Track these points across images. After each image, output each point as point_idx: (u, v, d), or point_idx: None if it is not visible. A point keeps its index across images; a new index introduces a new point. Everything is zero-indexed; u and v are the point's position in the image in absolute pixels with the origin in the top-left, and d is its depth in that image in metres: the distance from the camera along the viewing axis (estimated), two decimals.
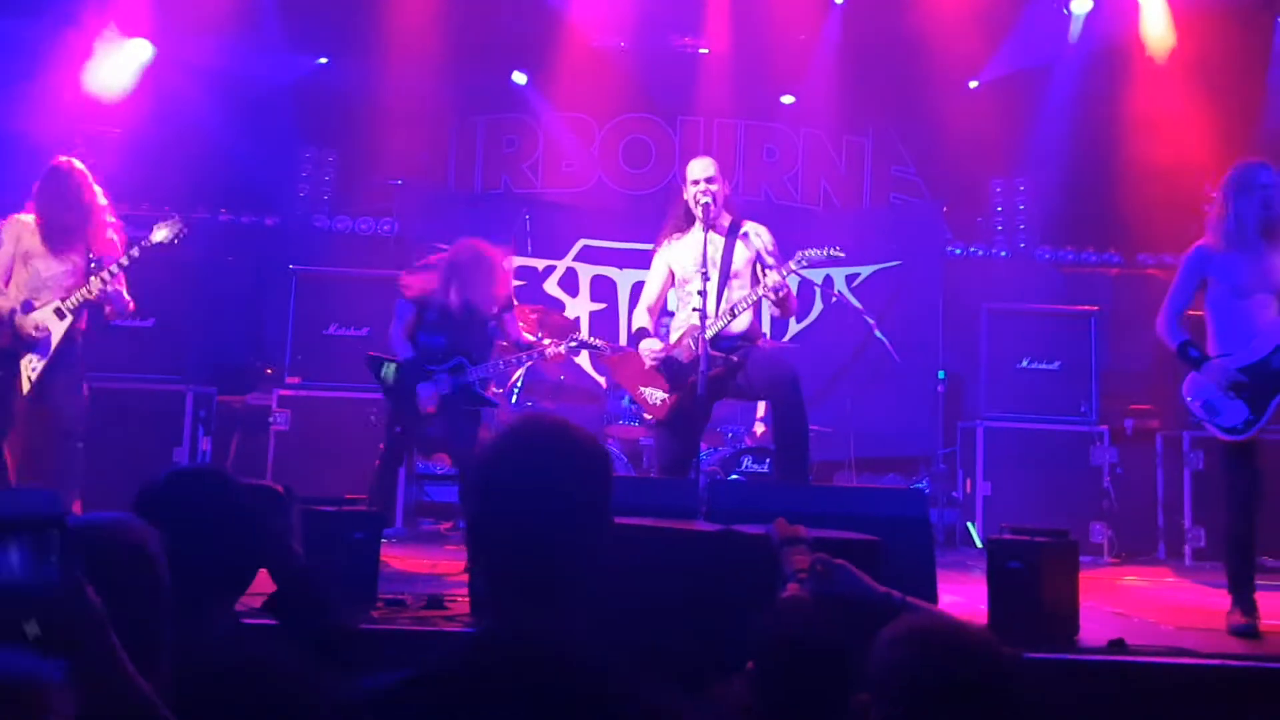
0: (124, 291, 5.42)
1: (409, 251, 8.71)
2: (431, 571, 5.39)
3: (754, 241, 5.29)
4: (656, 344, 5.31)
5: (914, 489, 7.59)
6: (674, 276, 5.43)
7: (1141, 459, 7.45)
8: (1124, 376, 7.90)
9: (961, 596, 4.82)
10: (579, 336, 6.05)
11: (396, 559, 5.54)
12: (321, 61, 9.43)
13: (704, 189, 5.21)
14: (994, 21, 8.69)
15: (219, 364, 7.88)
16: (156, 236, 5.37)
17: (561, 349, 5.82)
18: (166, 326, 7.16)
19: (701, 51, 9.54)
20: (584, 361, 8.61)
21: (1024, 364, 7.53)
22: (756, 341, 5.29)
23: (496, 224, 8.52)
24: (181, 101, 8.56)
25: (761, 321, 5.51)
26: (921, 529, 4.09)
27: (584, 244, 9.00)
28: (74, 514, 4.81)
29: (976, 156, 9.24)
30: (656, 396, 5.29)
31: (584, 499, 1.73)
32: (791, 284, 5.19)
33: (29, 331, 5.21)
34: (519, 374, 7.13)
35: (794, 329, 8.78)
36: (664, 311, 5.74)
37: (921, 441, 8.32)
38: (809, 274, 7.74)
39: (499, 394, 7.37)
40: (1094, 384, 7.44)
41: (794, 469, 4.98)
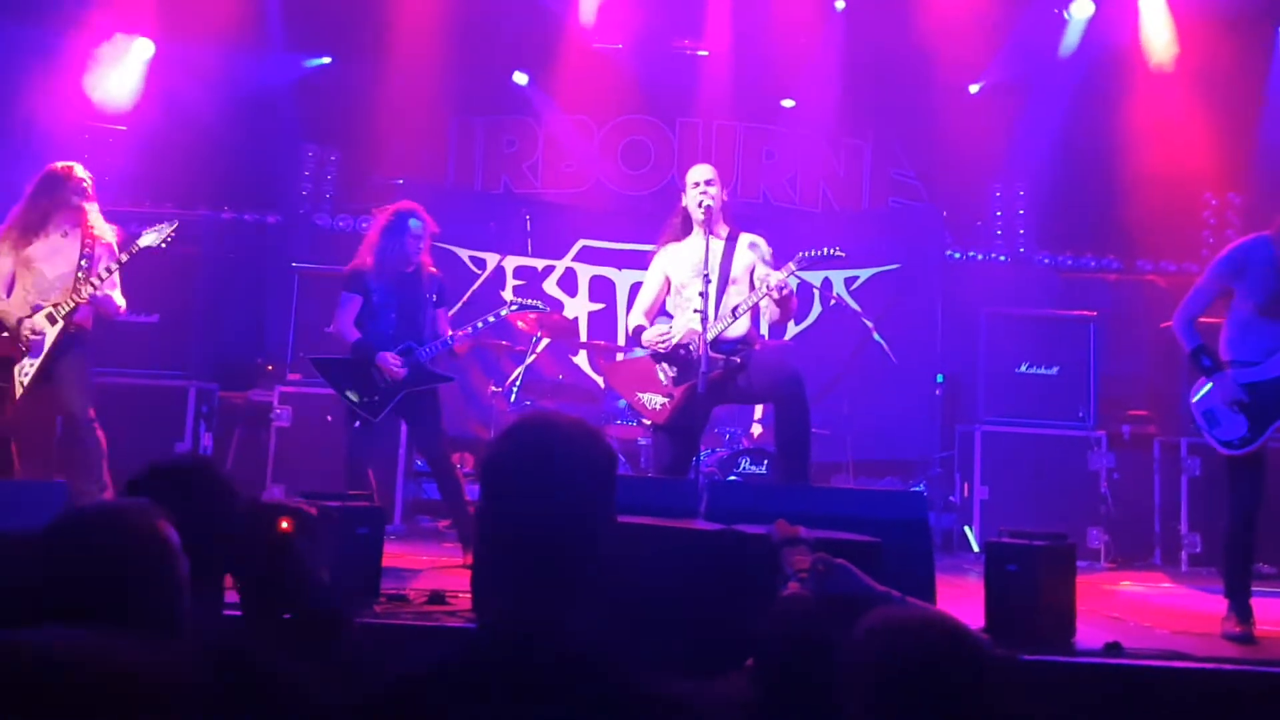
0: (116, 295, 5.44)
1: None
2: (432, 567, 5.42)
3: (752, 251, 5.33)
4: (663, 327, 5.32)
5: (913, 491, 7.61)
6: (670, 283, 5.45)
7: (1139, 465, 7.48)
8: (1122, 382, 7.93)
9: (959, 600, 4.84)
10: (518, 300, 6.24)
11: (396, 556, 5.55)
12: (324, 61, 9.46)
13: (704, 190, 5.26)
14: (994, 27, 8.72)
15: (221, 360, 7.89)
16: (144, 241, 5.36)
17: (503, 311, 6.02)
18: (169, 322, 7.19)
19: (701, 54, 9.56)
20: (582, 361, 8.63)
21: (1022, 368, 7.55)
22: (754, 345, 5.31)
23: (496, 223, 8.56)
24: (185, 99, 8.59)
25: (759, 327, 5.51)
26: (920, 532, 4.12)
27: (583, 244, 9.02)
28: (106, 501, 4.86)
29: (976, 161, 9.27)
30: (655, 401, 5.30)
31: (588, 494, 1.74)
32: (792, 286, 5.21)
33: (26, 336, 5.24)
34: (517, 372, 7.14)
35: (792, 331, 8.79)
36: (659, 316, 5.75)
37: (919, 445, 8.34)
38: (808, 276, 7.75)
39: (498, 392, 7.39)
40: (1092, 389, 7.47)
41: (795, 469, 5.00)
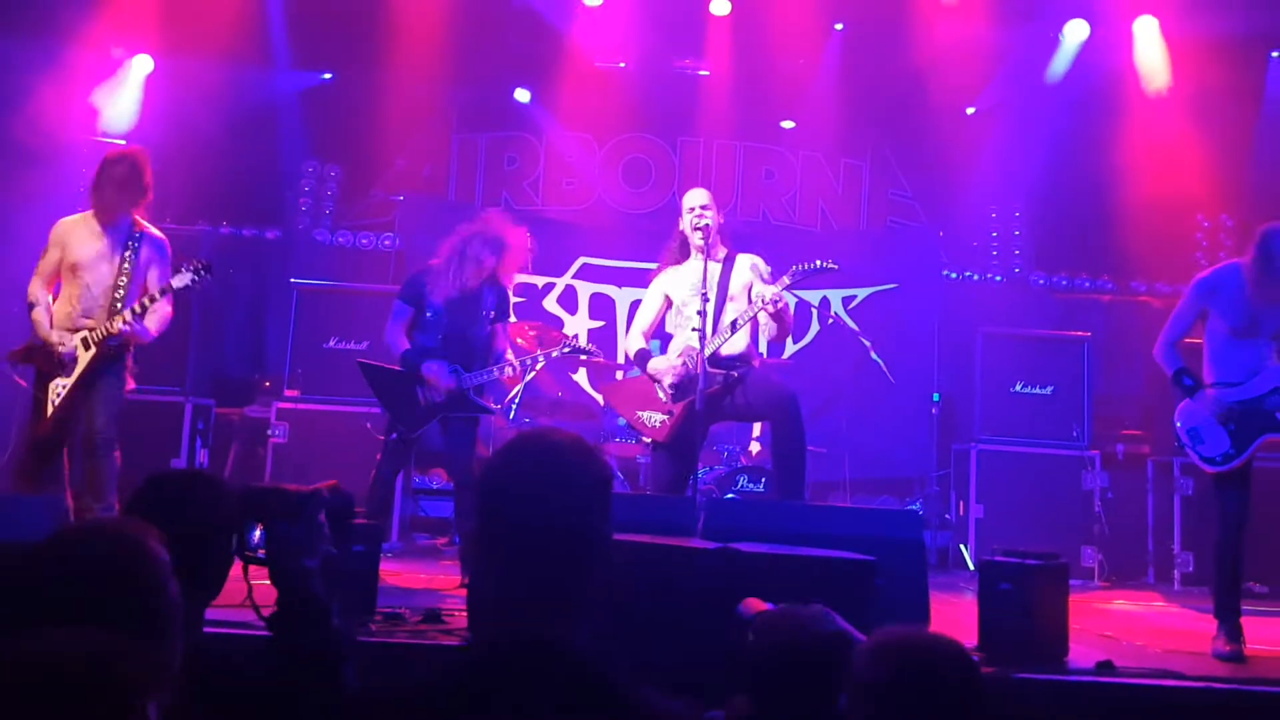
0: (151, 321, 5.37)
1: (409, 266, 8.79)
2: (428, 586, 5.43)
3: (749, 270, 5.38)
4: (667, 361, 5.35)
5: (909, 510, 7.64)
6: (671, 303, 5.50)
7: (1132, 484, 7.52)
8: (1116, 402, 7.99)
9: (954, 617, 4.87)
10: (571, 341, 6.02)
11: (393, 574, 5.56)
12: (325, 77, 9.52)
13: (699, 214, 5.31)
14: (991, 50, 8.80)
15: (218, 376, 7.93)
16: (178, 282, 5.39)
17: (554, 353, 5.87)
18: (166, 338, 7.11)
19: (702, 74, 9.64)
20: (582, 378, 8.67)
21: (1017, 388, 7.60)
22: (752, 362, 5.35)
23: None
24: (185, 114, 8.63)
25: (758, 344, 5.56)
26: (916, 550, 4.17)
27: (583, 262, 9.07)
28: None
29: (973, 182, 9.35)
30: (655, 419, 5.33)
31: (585, 512, 1.75)
32: (789, 302, 5.25)
33: (56, 351, 5.26)
34: (517, 390, 7.18)
35: (791, 349, 8.85)
36: (658, 337, 5.80)
37: (916, 463, 8.38)
38: (806, 295, 7.85)
39: (497, 409, 7.41)
40: (1086, 409, 7.52)
41: (792, 488, 5.05)
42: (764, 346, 8.16)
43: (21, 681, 1.33)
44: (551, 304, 8.94)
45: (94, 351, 5.28)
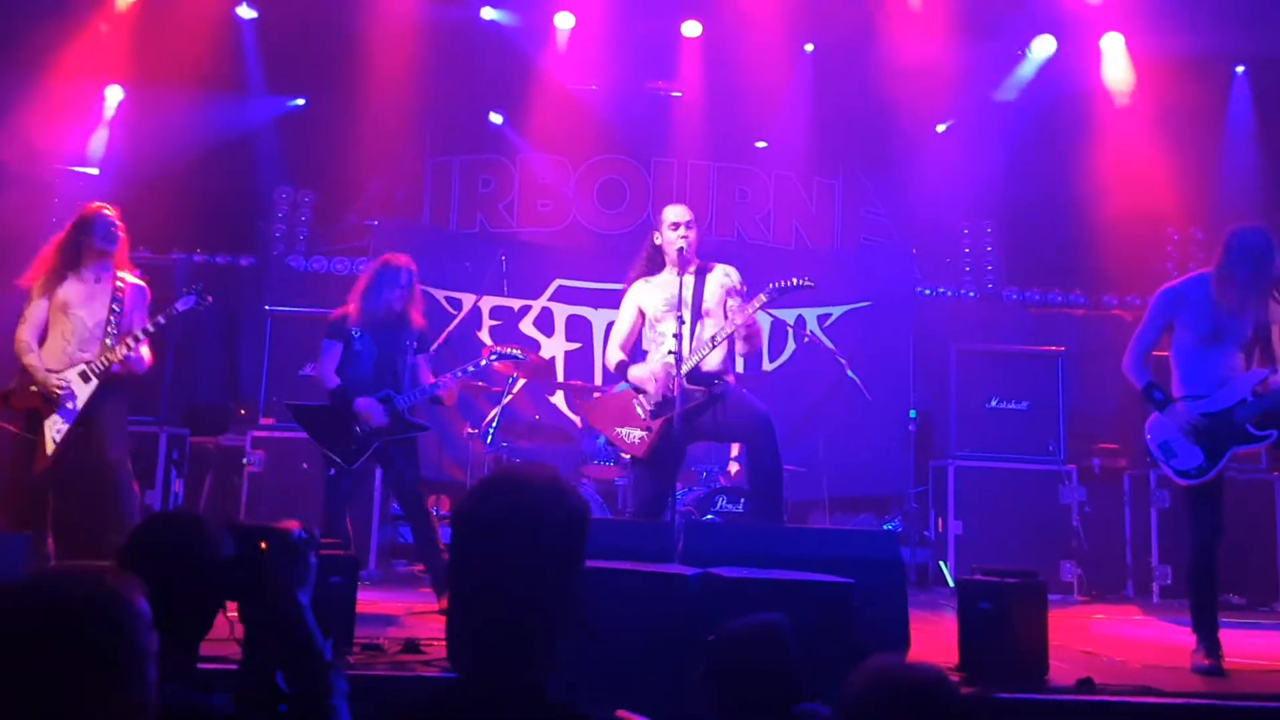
0: (144, 350, 5.45)
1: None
2: (407, 614, 5.39)
3: (723, 281, 5.38)
4: (647, 369, 5.35)
5: (887, 531, 7.67)
6: (644, 316, 5.50)
7: (1109, 498, 7.57)
8: (1091, 416, 8.03)
9: (934, 636, 4.88)
10: (500, 348, 6.14)
11: (371, 602, 5.53)
12: (299, 102, 9.50)
13: (683, 234, 5.29)
14: (960, 67, 8.87)
15: (192, 405, 7.86)
16: (182, 306, 5.46)
17: (485, 362, 5.98)
18: (146, 372, 7.15)
19: (675, 95, 9.68)
20: (559, 401, 8.65)
21: (993, 404, 7.64)
22: (728, 378, 5.36)
23: (472, 263, 8.59)
24: (157, 142, 8.58)
25: (734, 361, 5.56)
26: (894, 570, 4.17)
27: (559, 284, 9.06)
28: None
29: (944, 199, 9.42)
30: (634, 435, 5.32)
31: (560, 554, 1.74)
32: (764, 323, 5.26)
33: (54, 392, 5.22)
34: (494, 413, 7.15)
35: (767, 368, 8.86)
36: (636, 351, 5.79)
37: (893, 480, 8.39)
38: (781, 314, 7.84)
39: (474, 434, 7.39)
40: (1061, 423, 7.56)
41: (769, 511, 5.04)
42: (740, 364, 8.19)
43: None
44: (528, 326, 8.93)
45: (95, 384, 5.27)
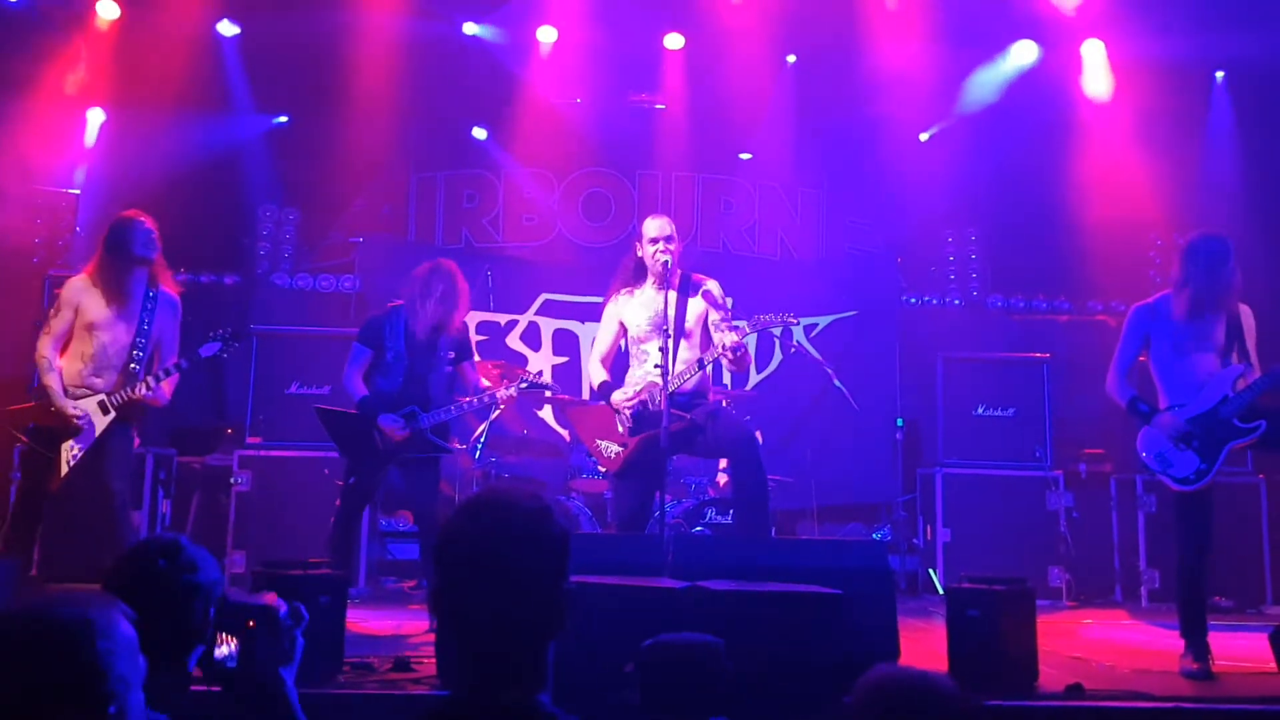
0: (166, 385, 5.39)
1: (370, 308, 8.74)
2: (397, 632, 5.37)
3: (704, 300, 5.38)
4: (627, 394, 5.35)
5: (875, 541, 7.67)
6: (625, 330, 5.50)
7: (1096, 503, 7.59)
8: (1077, 422, 8.04)
9: (924, 643, 4.88)
10: (529, 376, 6.01)
11: (361, 620, 5.51)
12: (281, 120, 9.49)
13: (664, 248, 5.26)
14: (942, 77, 8.92)
15: (179, 425, 7.82)
16: (206, 352, 5.45)
17: (513, 390, 5.81)
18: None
19: (658, 108, 9.70)
20: (547, 415, 8.64)
21: (979, 411, 7.66)
22: (708, 396, 5.37)
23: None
24: (139, 161, 8.58)
25: (720, 374, 5.57)
26: (883, 580, 4.18)
27: (545, 298, 9.06)
28: None
29: (928, 207, 9.46)
30: (611, 449, 5.33)
31: (540, 573, 1.76)
32: (750, 339, 5.27)
33: (71, 415, 5.18)
34: (482, 429, 7.14)
35: (754, 379, 8.87)
36: (618, 366, 5.79)
37: (882, 489, 8.41)
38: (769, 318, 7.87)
39: (462, 449, 7.37)
40: (1048, 429, 7.59)
41: (755, 525, 5.05)
42: (727, 378, 8.20)
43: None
44: (514, 341, 8.92)
45: (113, 415, 5.22)
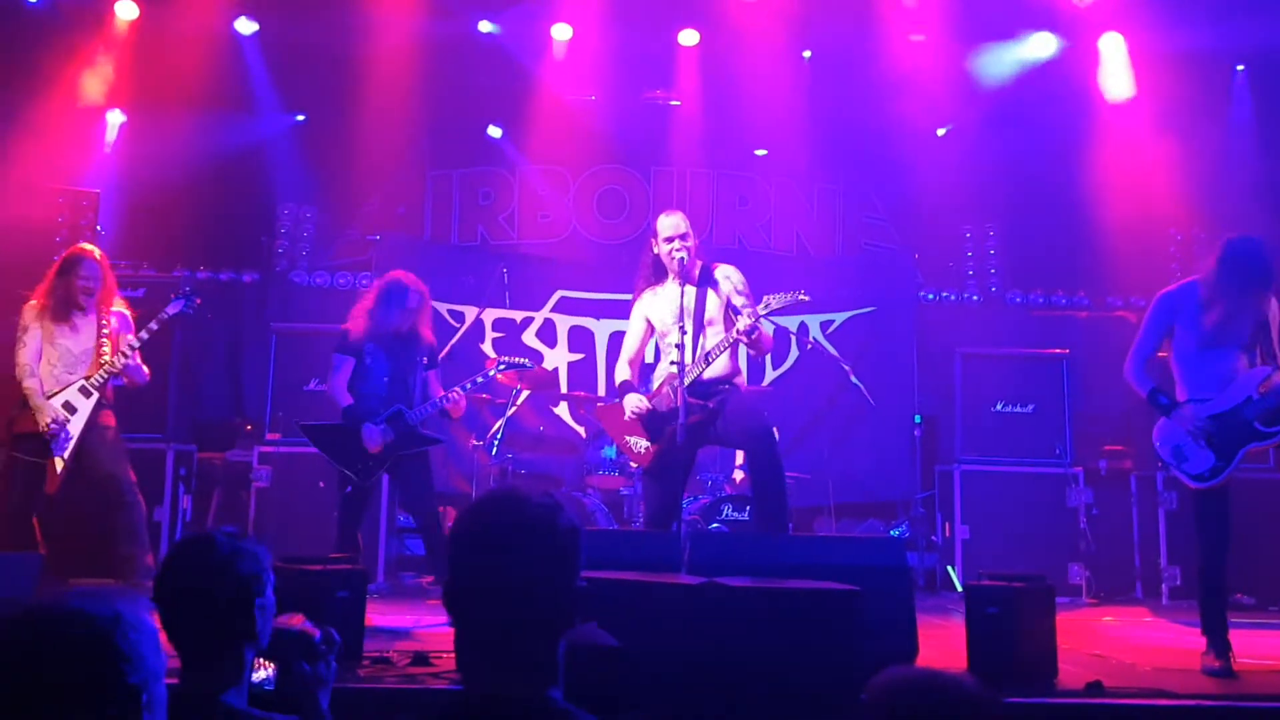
0: (141, 363, 5.68)
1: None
2: (415, 627, 5.40)
3: (724, 286, 5.37)
4: (642, 401, 5.36)
5: (892, 538, 7.64)
6: (653, 329, 5.51)
7: (1116, 499, 7.54)
8: (1096, 418, 7.99)
9: (943, 641, 4.87)
10: (507, 358, 6.27)
11: (380, 615, 5.53)
12: (299, 119, 9.53)
13: (679, 246, 5.27)
14: (959, 71, 8.88)
15: (199, 421, 7.88)
16: (172, 309, 5.62)
17: (492, 372, 6.16)
18: (146, 384, 7.17)
19: (673, 104, 9.69)
20: (563, 412, 8.65)
21: (998, 407, 7.63)
22: (735, 381, 5.36)
23: (473, 276, 8.61)
24: (159, 160, 8.63)
25: (739, 360, 5.56)
26: (900, 578, 4.17)
27: (561, 295, 9.07)
28: (148, 568, 5.09)
29: (946, 202, 9.41)
30: (641, 445, 5.34)
31: (550, 569, 1.78)
32: (766, 328, 5.26)
33: (46, 425, 5.33)
34: (499, 425, 7.15)
35: (771, 375, 8.85)
36: (645, 365, 5.82)
37: (900, 485, 8.37)
38: (784, 321, 7.86)
39: (479, 446, 7.39)
40: (1067, 426, 7.54)
41: (772, 519, 5.04)
42: (743, 361, 8.18)
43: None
44: (530, 338, 8.93)
45: (95, 397, 5.40)
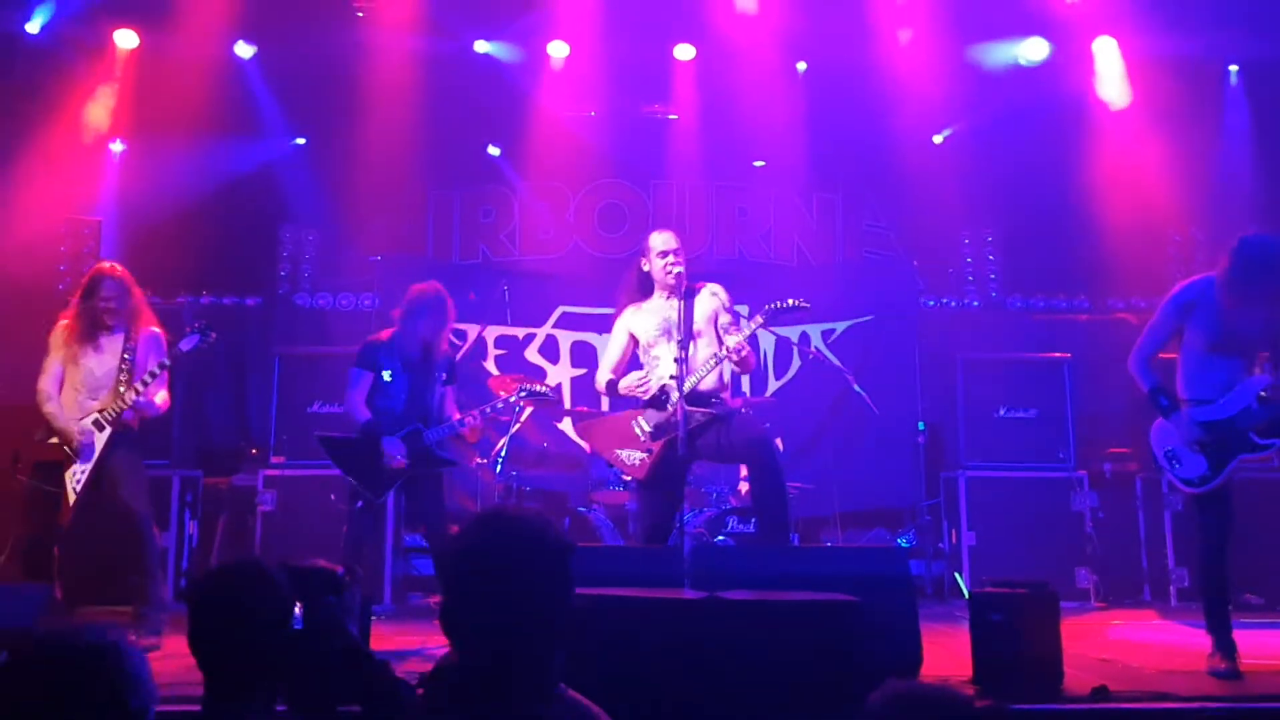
0: (159, 396, 5.65)
1: (391, 325, 8.80)
2: (423, 647, 5.40)
3: (712, 303, 5.44)
4: (639, 374, 5.40)
5: (895, 547, 7.65)
6: (636, 341, 5.55)
7: (1122, 502, 7.54)
8: (1100, 421, 7.99)
9: (949, 649, 4.87)
10: (529, 386, 6.26)
11: (385, 637, 5.54)
12: (299, 142, 9.58)
13: (674, 260, 5.36)
14: (954, 77, 8.91)
15: (204, 446, 7.91)
16: (186, 345, 5.63)
17: (512, 398, 6.15)
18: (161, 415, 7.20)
19: (671, 118, 9.72)
20: (567, 428, 8.66)
21: (1001, 412, 7.64)
22: (724, 396, 5.40)
23: (476, 294, 8.63)
24: (160, 186, 8.67)
25: (738, 384, 5.59)
26: (903, 587, 4.17)
27: (563, 311, 9.10)
28: (161, 599, 5.10)
29: (945, 209, 9.42)
30: (634, 457, 5.34)
31: (540, 583, 1.83)
32: (768, 341, 5.31)
33: (74, 439, 5.42)
34: (503, 443, 7.17)
35: (773, 386, 8.86)
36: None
37: (905, 493, 8.37)
38: (785, 331, 7.87)
39: (483, 464, 7.41)
40: (1071, 430, 7.56)
41: (775, 530, 5.06)
42: (746, 385, 8.21)
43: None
44: (533, 355, 8.96)
45: (109, 431, 5.40)
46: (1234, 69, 9.03)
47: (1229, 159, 8.85)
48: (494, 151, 9.76)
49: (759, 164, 9.94)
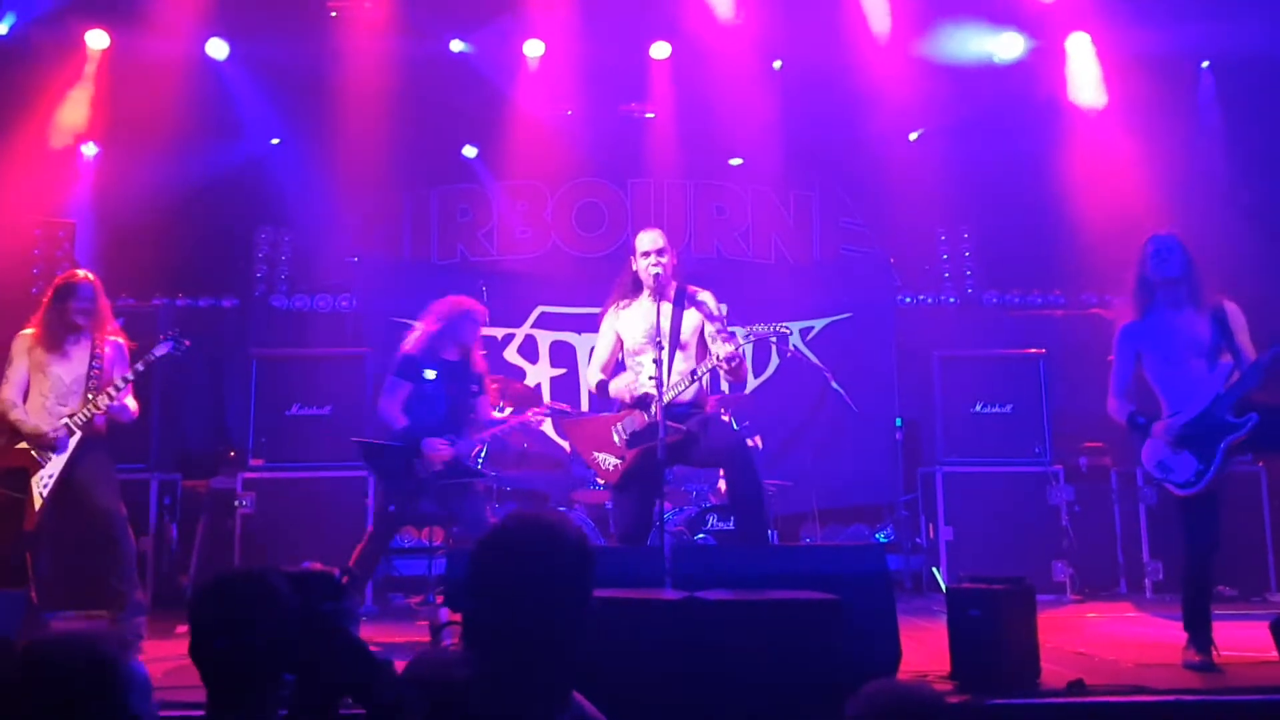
0: (129, 401, 5.63)
1: (368, 327, 8.78)
2: (408, 641, 5.41)
3: (699, 310, 5.42)
4: (629, 376, 5.41)
5: (873, 544, 7.69)
6: (623, 343, 5.55)
7: (1098, 496, 7.62)
8: (1075, 416, 8.05)
9: (927, 644, 4.91)
10: (549, 405, 6.45)
11: (368, 636, 5.52)
12: (274, 142, 9.53)
13: (655, 261, 5.35)
14: (929, 74, 8.94)
15: (182, 450, 7.87)
16: (159, 351, 5.58)
17: (539, 418, 6.29)
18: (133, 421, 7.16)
19: (648, 116, 9.73)
20: (548, 428, 8.64)
21: (977, 408, 7.69)
22: (704, 407, 5.41)
23: (454, 294, 8.60)
24: (134, 188, 8.60)
25: (718, 382, 5.60)
26: (881, 584, 4.19)
27: (541, 310, 9.10)
28: (139, 603, 5.07)
29: (920, 206, 9.46)
30: (609, 462, 5.36)
31: (567, 595, 1.86)
32: (745, 349, 5.31)
33: (47, 437, 5.38)
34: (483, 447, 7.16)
35: (752, 384, 8.89)
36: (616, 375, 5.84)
37: (883, 489, 8.43)
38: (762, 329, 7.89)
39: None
40: (1046, 424, 7.62)
41: (753, 532, 5.08)
42: (725, 385, 8.22)
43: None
44: (512, 355, 8.95)
45: (78, 436, 5.37)
46: (1205, 63, 9.09)
47: (1202, 154, 8.92)
48: (470, 152, 9.74)
49: (735, 162, 9.95)
